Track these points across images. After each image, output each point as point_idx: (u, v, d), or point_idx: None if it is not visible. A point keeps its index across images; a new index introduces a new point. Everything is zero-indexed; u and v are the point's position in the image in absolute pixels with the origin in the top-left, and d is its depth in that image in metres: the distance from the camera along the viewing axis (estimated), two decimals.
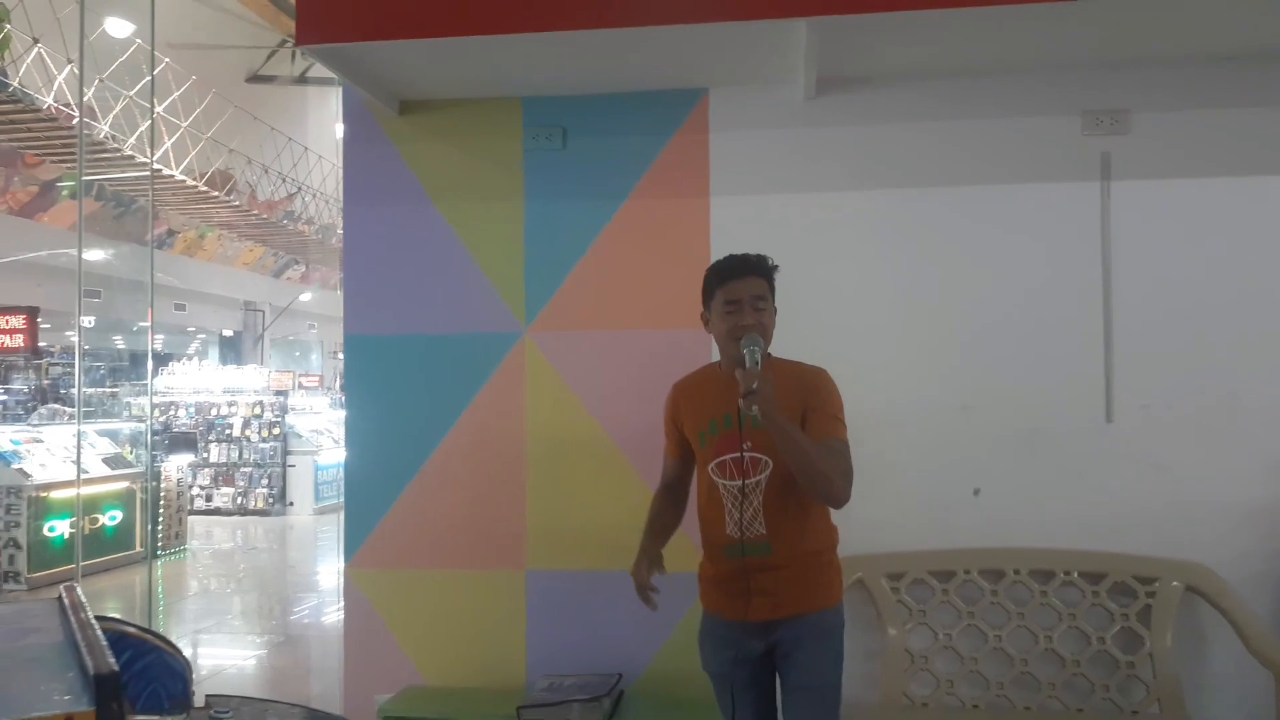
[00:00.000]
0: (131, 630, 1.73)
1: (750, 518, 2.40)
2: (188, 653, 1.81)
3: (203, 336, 22.56)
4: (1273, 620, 3.02)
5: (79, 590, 1.66)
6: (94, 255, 14.44)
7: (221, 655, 6.15)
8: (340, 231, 3.68)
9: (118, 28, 10.97)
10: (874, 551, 3.15)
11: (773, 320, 2.47)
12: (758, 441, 2.38)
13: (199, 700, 1.85)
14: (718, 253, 3.24)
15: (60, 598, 1.66)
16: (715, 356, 3.21)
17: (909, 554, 3.18)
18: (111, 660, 1.19)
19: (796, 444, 2.28)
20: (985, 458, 3.20)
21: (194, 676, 1.84)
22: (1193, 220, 3.14)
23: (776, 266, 2.50)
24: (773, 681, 2.51)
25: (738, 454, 2.41)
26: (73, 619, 1.46)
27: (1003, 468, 3.19)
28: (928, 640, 3.17)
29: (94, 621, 1.43)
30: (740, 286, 2.42)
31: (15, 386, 11.61)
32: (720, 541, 2.46)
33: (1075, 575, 3.12)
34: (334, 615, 6.93)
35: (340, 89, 3.51)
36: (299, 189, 17.43)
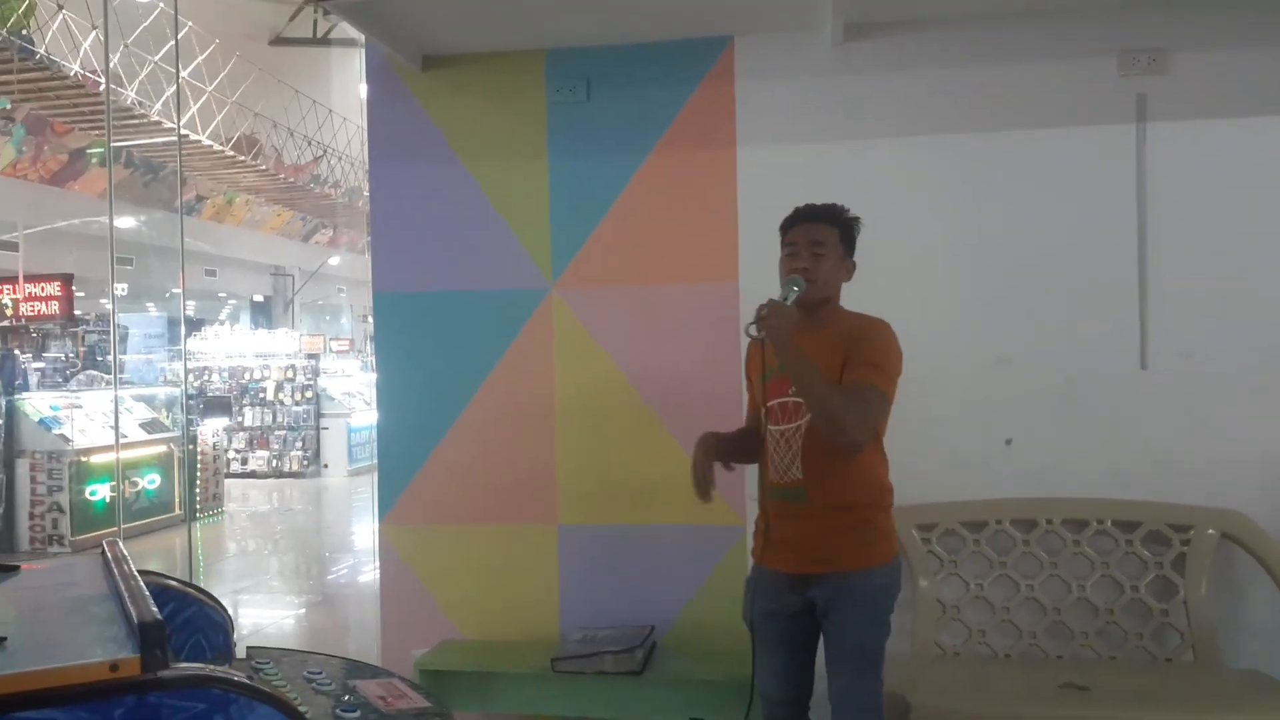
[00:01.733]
0: (174, 584, 1.77)
1: (789, 462, 2.40)
2: (227, 610, 1.84)
3: (233, 302, 22.77)
4: None
5: (121, 545, 1.70)
6: (125, 222, 14.58)
7: (260, 615, 6.27)
8: (367, 194, 3.69)
9: None
10: (904, 503, 3.12)
11: (838, 269, 2.45)
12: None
13: (240, 653, 1.89)
14: (745, 204, 3.24)
15: (103, 552, 1.70)
16: (743, 308, 3.22)
17: (941, 505, 3.17)
18: (154, 609, 1.22)
19: (803, 375, 2.26)
20: (1019, 408, 3.17)
21: (235, 636, 1.88)
22: (1231, 163, 3.07)
23: (855, 218, 2.48)
24: (811, 640, 2.48)
25: (783, 398, 2.40)
26: (116, 572, 1.49)
27: (1036, 418, 3.16)
28: (959, 590, 3.17)
29: (136, 573, 1.46)
30: (800, 231, 2.44)
31: (52, 354, 11.79)
32: (765, 485, 2.48)
33: (1109, 524, 3.10)
34: (370, 574, 7.03)
35: (363, 48, 3.50)
36: (325, 152, 17.45)
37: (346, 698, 1.64)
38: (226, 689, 1.18)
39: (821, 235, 2.42)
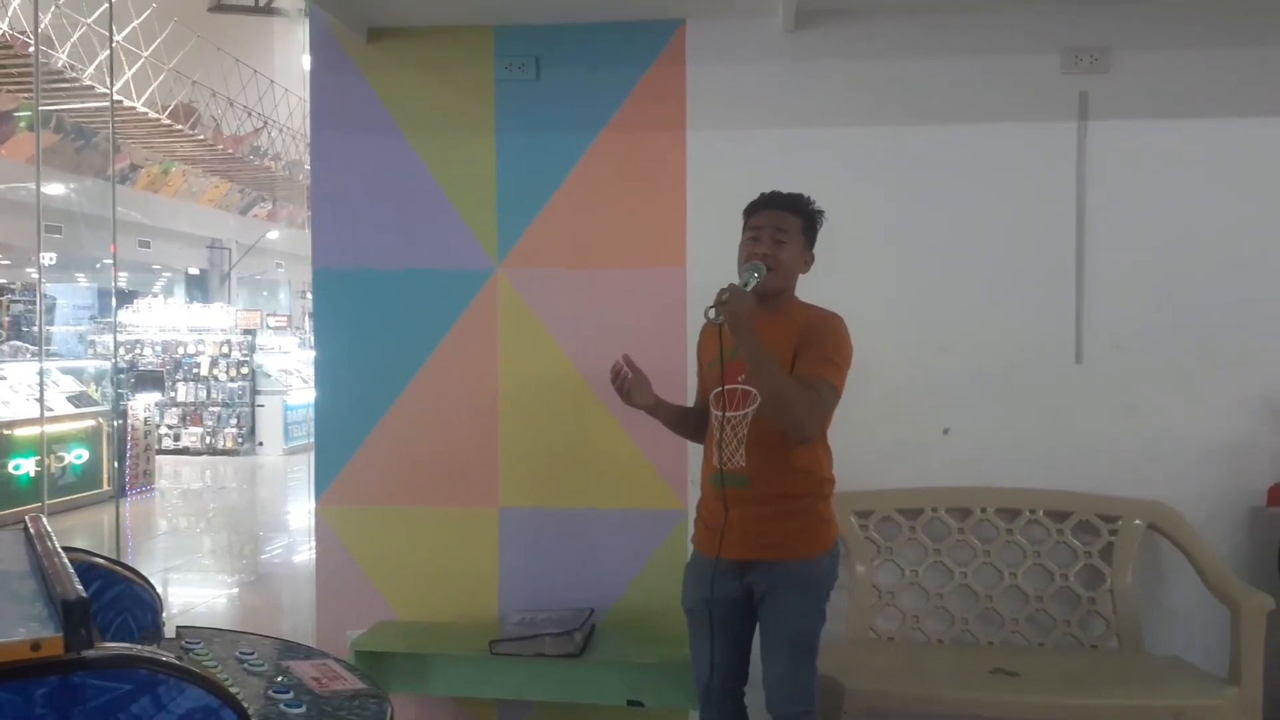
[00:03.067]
0: (100, 561, 1.72)
1: (733, 449, 2.41)
2: (156, 589, 1.79)
3: (168, 274, 22.19)
4: (1233, 557, 3.10)
5: (44, 520, 1.64)
6: (54, 190, 14.09)
7: (192, 594, 6.14)
8: (308, 168, 3.61)
9: None
10: (843, 489, 3.16)
11: (798, 259, 2.46)
12: (748, 375, 2.37)
13: (169, 632, 1.85)
14: (694, 189, 3.24)
15: (25, 527, 1.64)
16: (690, 293, 3.23)
17: (878, 492, 3.21)
18: (79, 587, 1.18)
19: (760, 363, 2.27)
20: (957, 398, 3.22)
21: (164, 615, 1.83)
22: (1168, 162, 3.14)
23: (819, 211, 2.49)
24: (748, 626, 2.50)
25: (731, 385, 2.40)
26: (38, 548, 1.44)
27: (974, 408, 3.22)
28: (895, 576, 3.22)
29: (60, 550, 1.41)
30: (765, 216, 2.45)
31: None
32: (707, 471, 2.49)
33: (1040, 514, 3.17)
34: (305, 555, 6.93)
35: (307, 18, 3.41)
36: (265, 123, 17.05)
37: (280, 679, 1.61)
38: (154, 669, 1.14)
39: (785, 223, 2.43)
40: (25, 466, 8.13)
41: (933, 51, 3.19)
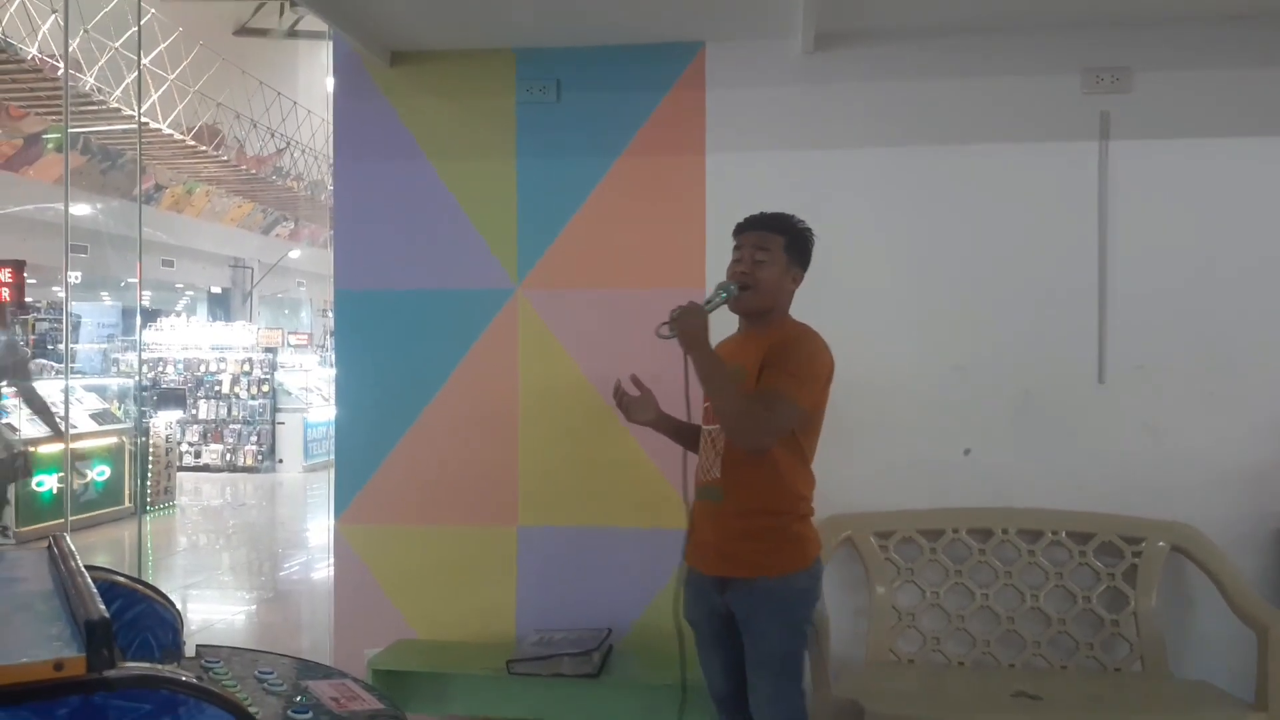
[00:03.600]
0: (121, 580, 1.73)
1: (711, 462, 2.44)
2: (177, 607, 1.80)
3: (191, 293, 22.41)
4: (1259, 580, 3.06)
5: (68, 539, 1.66)
6: (80, 210, 14.28)
7: (210, 610, 6.16)
8: (330, 188, 3.65)
9: None
10: (863, 510, 3.17)
11: (782, 278, 2.43)
12: None
13: (189, 651, 1.85)
14: (713, 211, 3.25)
15: (50, 547, 1.65)
16: (710, 317, 3.22)
17: (898, 513, 3.20)
18: (101, 607, 1.19)
19: (710, 376, 2.30)
20: (977, 418, 3.20)
21: (184, 633, 1.84)
22: (1191, 181, 3.12)
23: (805, 229, 2.47)
24: (740, 642, 2.46)
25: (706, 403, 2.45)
26: (62, 567, 1.45)
27: (994, 428, 3.20)
28: (915, 598, 3.20)
29: (83, 569, 1.42)
30: (748, 237, 2.45)
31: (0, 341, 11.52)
32: (695, 484, 2.51)
33: (1063, 535, 3.14)
34: (323, 571, 6.94)
35: (330, 41, 3.46)
36: (288, 144, 17.24)
37: (298, 698, 1.61)
38: (175, 690, 1.15)
39: (767, 242, 2.42)
40: (48, 483, 8.20)
41: (952, 73, 3.19)
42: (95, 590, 1.28)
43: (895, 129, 3.22)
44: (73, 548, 1.58)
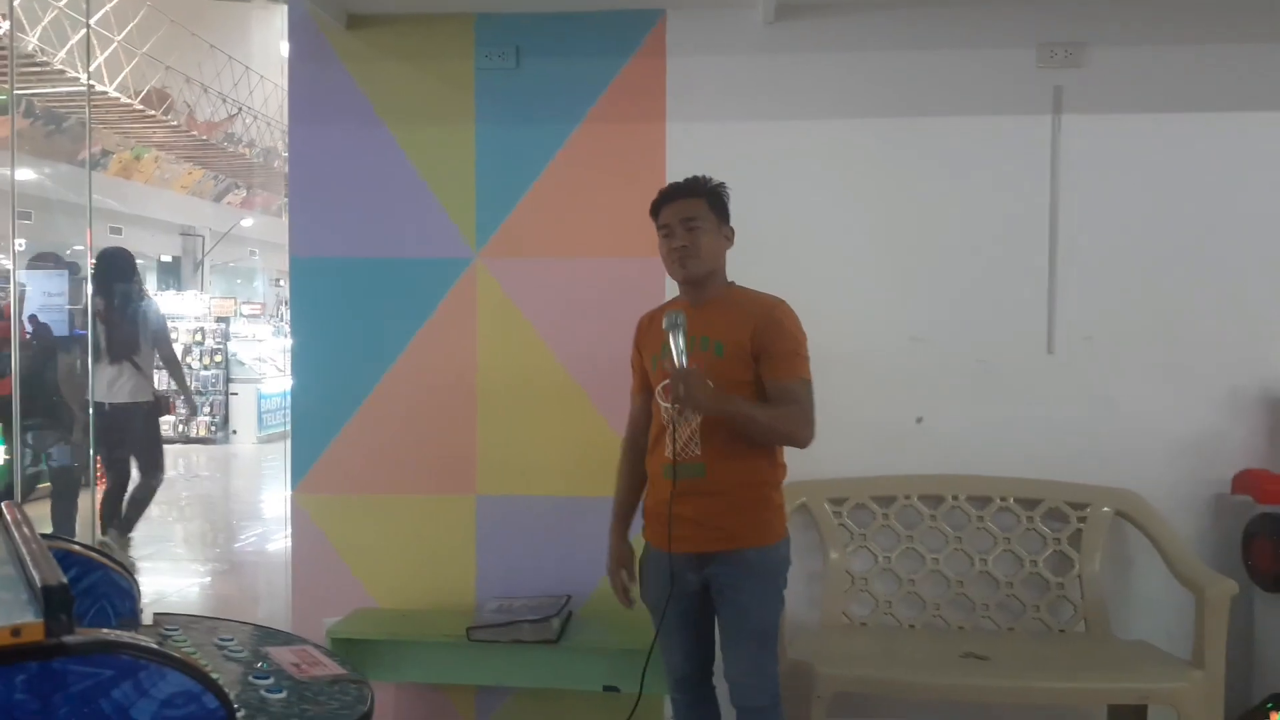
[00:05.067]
0: (77, 548, 1.72)
1: (687, 439, 2.39)
2: (133, 575, 1.79)
3: (140, 262, 21.95)
4: (1198, 543, 3.16)
5: (20, 507, 1.64)
6: (25, 175, 13.90)
7: (164, 583, 6.11)
8: (284, 155, 3.59)
9: None
10: (818, 477, 3.22)
11: (717, 239, 2.45)
12: (701, 365, 2.36)
13: (146, 619, 1.85)
14: (673, 179, 3.21)
15: (1, 515, 1.64)
16: (669, 284, 3.24)
17: (852, 480, 3.25)
18: (59, 572, 1.18)
19: (746, 420, 2.33)
20: (930, 387, 3.26)
21: (140, 601, 1.83)
22: (1141, 155, 3.19)
23: (718, 185, 2.48)
24: (710, 619, 2.50)
25: None
26: (15, 534, 1.44)
27: (946, 397, 3.26)
28: (868, 563, 3.26)
29: (39, 537, 1.41)
30: (669, 211, 2.44)
31: None
32: (660, 463, 2.45)
33: (1011, 501, 3.22)
34: (279, 543, 6.89)
35: (285, 5, 3.39)
36: (240, 110, 16.87)
37: (259, 665, 1.62)
38: (135, 655, 1.15)
39: (691, 210, 2.42)
40: None
41: (910, 45, 3.22)
42: (52, 557, 1.28)
43: (853, 100, 3.24)
44: (26, 515, 1.57)
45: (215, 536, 7.74)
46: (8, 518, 1.60)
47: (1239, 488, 3.15)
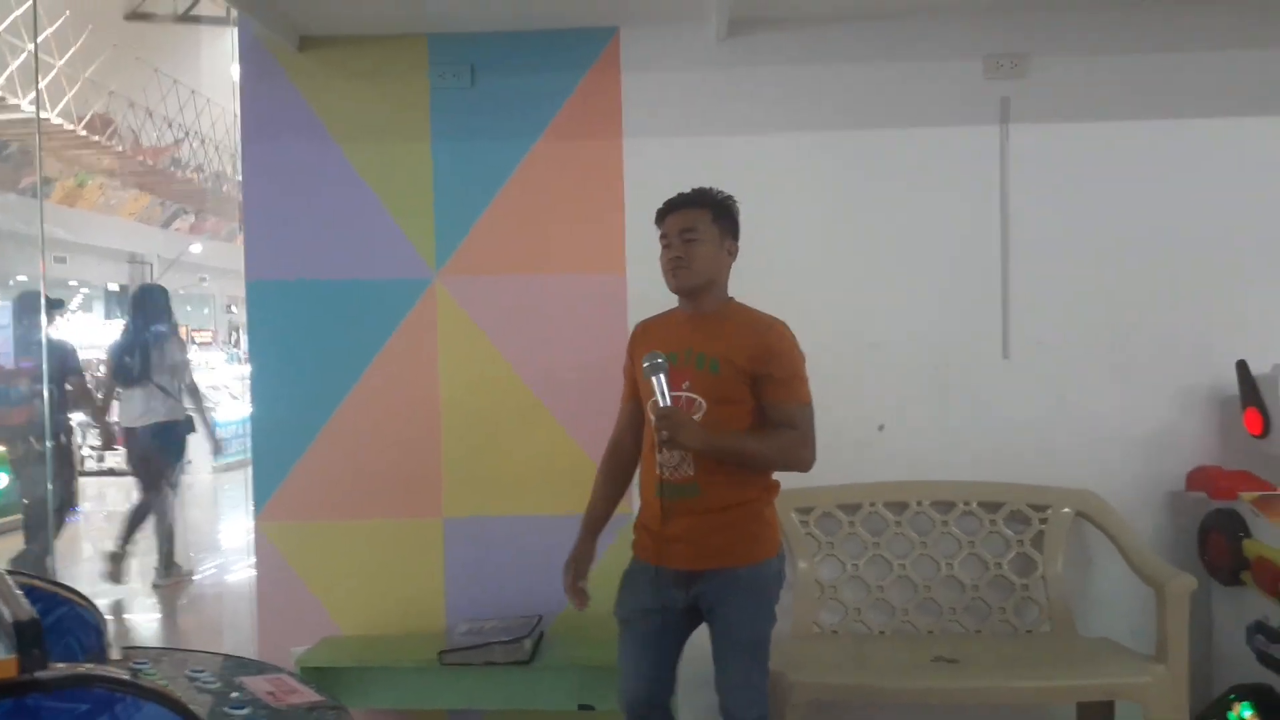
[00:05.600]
0: (40, 584, 1.68)
1: (679, 457, 2.36)
2: (99, 609, 1.76)
3: (86, 290, 21.51)
4: (1155, 540, 3.23)
5: None
6: None
7: (123, 620, 5.96)
8: (235, 179, 3.55)
9: None
10: (785, 487, 3.22)
11: (717, 252, 2.43)
12: (696, 382, 2.36)
13: (114, 654, 1.81)
14: (631, 195, 3.27)
15: None
16: (630, 300, 3.25)
17: (817, 489, 3.26)
18: (29, 607, 1.16)
19: (742, 455, 2.33)
20: (891, 395, 3.30)
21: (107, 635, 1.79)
22: (1086, 162, 3.26)
23: (727, 197, 2.46)
24: (683, 637, 2.47)
25: (676, 392, 2.35)
26: None
27: (907, 404, 3.30)
28: (836, 571, 3.29)
29: (4, 573, 1.38)
30: (670, 221, 2.43)
31: None
32: (649, 479, 2.44)
33: (974, 505, 3.26)
34: (239, 574, 6.78)
35: (235, 27, 3.36)
36: (186, 134, 16.65)
37: (234, 695, 1.60)
38: (110, 688, 1.13)
39: (691, 220, 2.40)
40: None
41: (861, 58, 3.27)
42: (20, 592, 1.25)
43: (806, 114, 3.29)
44: None
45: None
46: None
47: (1193, 484, 3.23)
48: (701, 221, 2.40)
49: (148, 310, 6.21)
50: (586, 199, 3.29)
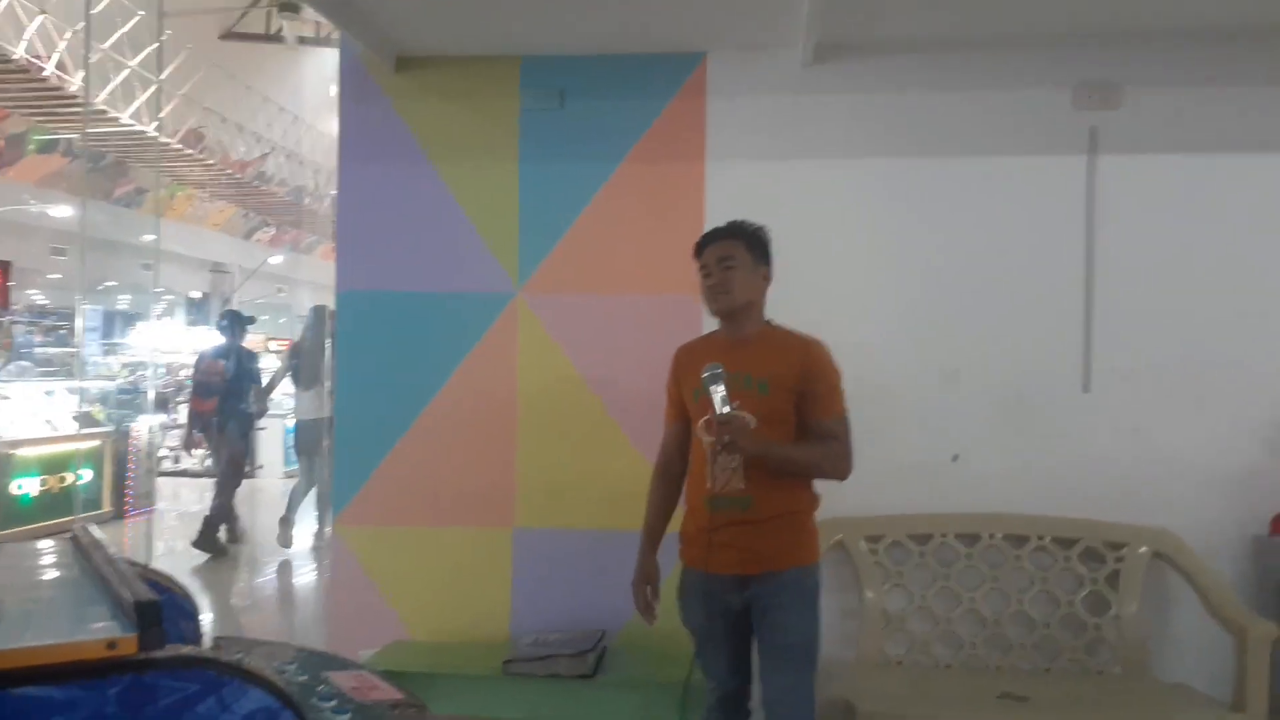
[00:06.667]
0: (143, 572, 1.76)
1: (731, 472, 2.43)
2: (195, 600, 1.83)
3: (169, 298, 22.24)
4: (1237, 584, 3.14)
5: (91, 530, 1.69)
6: (62, 212, 14.20)
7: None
8: (316, 193, 3.68)
9: None
10: (854, 514, 3.23)
11: (752, 277, 2.52)
12: (746, 402, 2.42)
13: (206, 643, 1.88)
14: (711, 218, 3.27)
15: (74, 537, 1.69)
16: (705, 320, 3.27)
17: (888, 517, 3.26)
18: (149, 590, 1.23)
19: (791, 462, 2.44)
20: (966, 424, 3.28)
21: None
22: (1175, 195, 3.22)
23: (757, 228, 2.57)
24: (749, 638, 2.53)
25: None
26: (95, 556, 1.49)
27: (982, 434, 3.27)
28: (904, 601, 3.26)
29: (118, 558, 1.45)
30: (709, 253, 2.55)
31: None
32: (702, 494, 2.50)
33: (1048, 540, 3.21)
34: (304, 577, 6.94)
35: (337, 48, 3.49)
36: (272, 149, 17.16)
37: (320, 688, 1.65)
38: (221, 672, 1.19)
39: (727, 250, 2.52)
40: (27, 486, 8.13)
41: (947, 86, 3.28)
42: (135, 574, 1.32)
43: (891, 140, 3.30)
44: (100, 537, 1.62)
45: (239, 571, 7.76)
46: (80, 539, 1.66)
47: (1278, 529, 3.14)
48: (738, 250, 2.53)
49: (318, 327, 7.57)
50: (667, 220, 3.33)
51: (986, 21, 3.11)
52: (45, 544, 1.76)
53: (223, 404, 7.47)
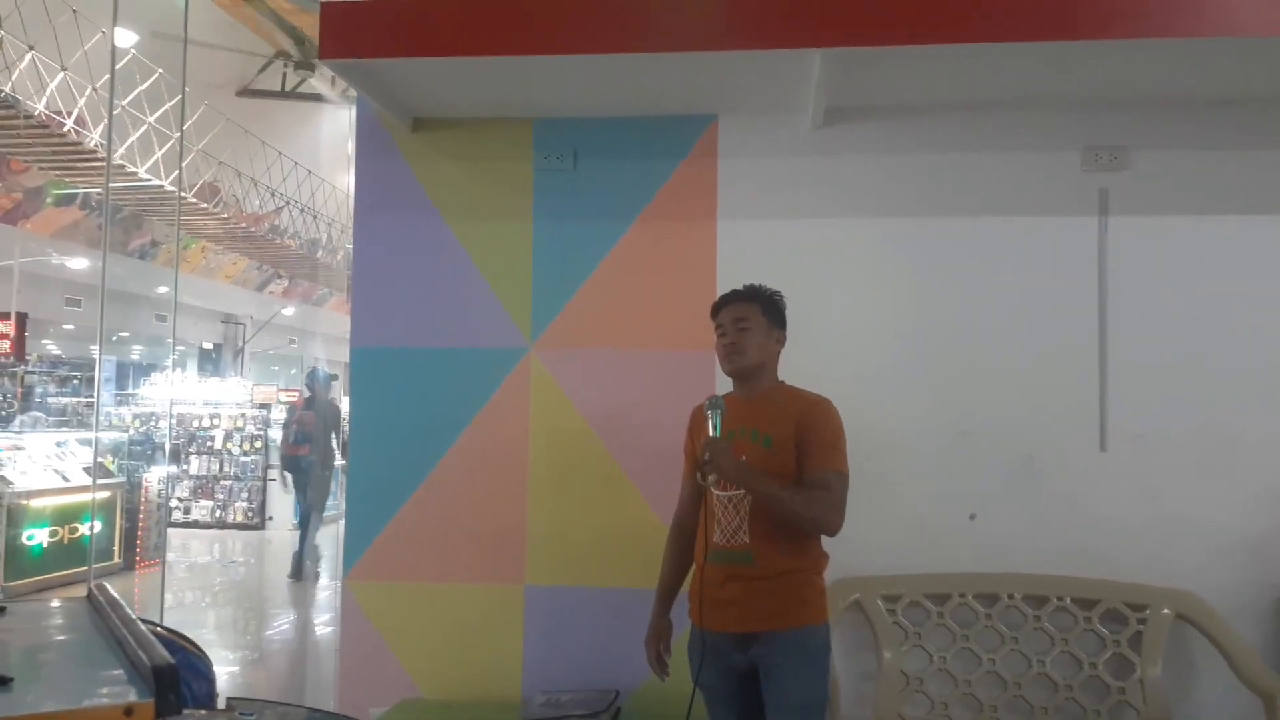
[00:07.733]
0: (159, 630, 1.74)
1: (735, 526, 2.49)
2: (209, 659, 1.81)
3: (181, 348, 22.39)
4: (1263, 648, 3.09)
5: (109, 588, 1.68)
6: (78, 264, 14.37)
7: None
8: (329, 246, 3.71)
9: (123, 38, 10.88)
10: (871, 574, 3.20)
11: (766, 340, 2.60)
12: (752, 456, 2.48)
13: (220, 704, 1.86)
14: (723, 276, 3.33)
15: (91, 595, 1.68)
16: (718, 377, 3.28)
17: (905, 577, 3.22)
18: (166, 654, 1.22)
19: (768, 497, 2.43)
20: (982, 484, 3.25)
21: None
22: (1187, 256, 3.23)
23: (775, 293, 2.64)
24: (758, 698, 2.51)
25: None
26: (112, 616, 1.48)
27: (999, 494, 3.25)
28: (922, 662, 3.21)
29: (137, 618, 1.44)
30: (725, 313, 2.63)
31: None
32: (703, 547, 2.55)
33: (1068, 601, 3.17)
34: (313, 632, 6.88)
35: (355, 107, 3.55)
36: (286, 203, 17.40)
37: None
38: None
39: (743, 312, 2.60)
40: (39, 537, 8.12)
41: (957, 148, 3.31)
42: (153, 637, 1.31)
43: (901, 201, 3.32)
44: (118, 597, 1.61)
45: (247, 624, 7.70)
46: (97, 598, 1.65)
47: None
48: (752, 313, 2.60)
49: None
50: (679, 278, 3.35)
51: (994, 88, 3.15)
52: (61, 603, 1.75)
53: (312, 449, 8.67)
